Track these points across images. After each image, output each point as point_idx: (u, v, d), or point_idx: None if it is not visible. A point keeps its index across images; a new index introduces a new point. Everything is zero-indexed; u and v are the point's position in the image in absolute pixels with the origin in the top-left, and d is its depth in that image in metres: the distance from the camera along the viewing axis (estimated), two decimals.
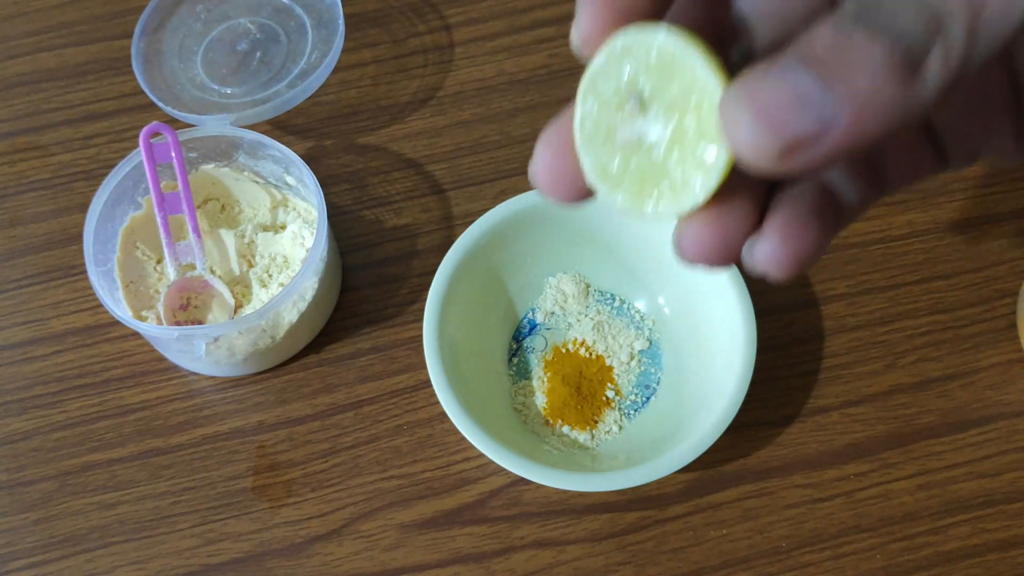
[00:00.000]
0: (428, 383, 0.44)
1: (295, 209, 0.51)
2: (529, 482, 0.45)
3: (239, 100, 0.52)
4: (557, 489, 0.45)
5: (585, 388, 0.47)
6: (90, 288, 0.49)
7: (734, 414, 0.42)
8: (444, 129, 0.56)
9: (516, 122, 0.56)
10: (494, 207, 0.47)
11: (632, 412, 0.47)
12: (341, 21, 0.53)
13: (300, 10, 0.55)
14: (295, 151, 0.48)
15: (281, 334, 0.47)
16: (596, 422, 0.46)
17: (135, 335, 0.50)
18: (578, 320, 0.49)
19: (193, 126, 0.49)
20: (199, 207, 0.51)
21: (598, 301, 0.50)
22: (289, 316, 0.47)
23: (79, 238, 0.49)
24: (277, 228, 0.51)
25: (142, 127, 0.46)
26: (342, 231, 0.53)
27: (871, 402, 0.47)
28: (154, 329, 0.44)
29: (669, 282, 0.48)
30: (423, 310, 0.44)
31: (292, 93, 0.50)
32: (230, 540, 0.45)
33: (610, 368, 0.48)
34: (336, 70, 0.56)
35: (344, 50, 0.55)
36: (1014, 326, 0.49)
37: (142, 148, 0.46)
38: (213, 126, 0.49)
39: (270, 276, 0.49)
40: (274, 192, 0.51)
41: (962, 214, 0.52)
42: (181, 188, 0.47)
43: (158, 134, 0.47)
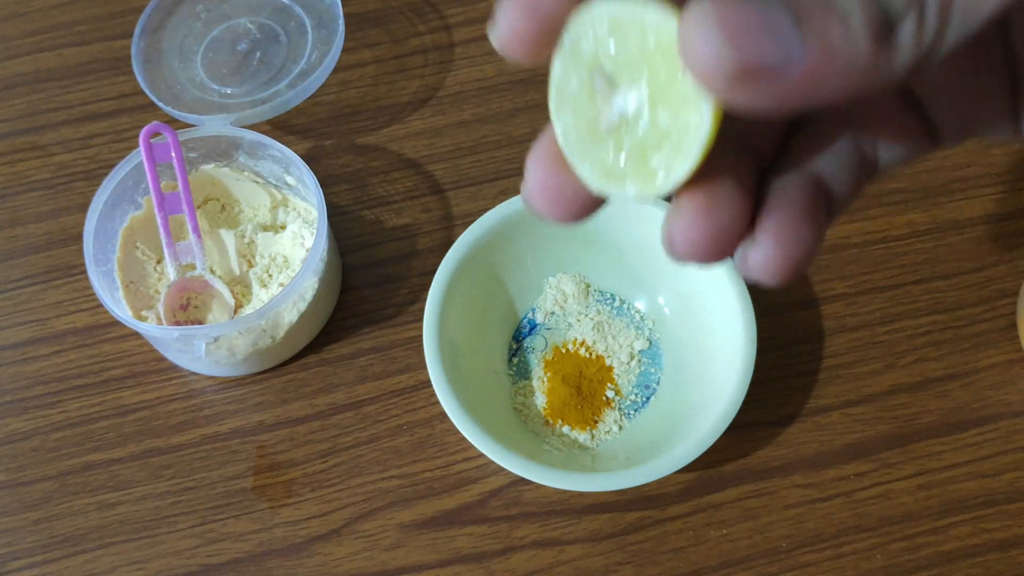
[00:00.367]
0: (428, 383, 0.44)
1: (295, 209, 0.51)
2: (529, 482, 0.45)
3: (239, 100, 0.52)
4: (557, 489, 0.45)
5: (585, 388, 0.47)
6: (90, 288, 0.49)
7: (734, 414, 0.42)
8: (444, 129, 0.56)
9: (516, 122, 0.56)
10: (494, 207, 0.47)
11: (632, 412, 0.47)
12: (341, 21, 0.53)
13: (300, 10, 0.55)
14: (295, 151, 0.48)
15: (281, 334, 0.47)
16: (596, 422, 0.46)
17: (135, 335, 0.50)
18: (578, 320, 0.49)
19: (193, 126, 0.49)
20: (199, 207, 0.51)
21: (598, 301, 0.50)
22: (289, 316, 0.47)
23: (79, 238, 0.49)
24: (277, 228, 0.51)
25: (142, 127, 0.46)
26: (342, 231, 0.53)
27: (871, 402, 0.47)
28: (154, 329, 0.44)
29: (669, 282, 0.48)
30: (423, 310, 0.44)
31: (292, 93, 0.50)
32: (230, 540, 0.45)
33: (610, 368, 0.48)
34: (336, 70, 0.56)
35: (344, 50, 0.55)
36: (1014, 326, 0.49)
37: (142, 148, 0.46)
38: (213, 126, 0.49)
39: (270, 276, 0.49)
40: (274, 192, 0.51)
41: (962, 214, 0.52)
42: (181, 188, 0.47)
43: (158, 134, 0.47)
